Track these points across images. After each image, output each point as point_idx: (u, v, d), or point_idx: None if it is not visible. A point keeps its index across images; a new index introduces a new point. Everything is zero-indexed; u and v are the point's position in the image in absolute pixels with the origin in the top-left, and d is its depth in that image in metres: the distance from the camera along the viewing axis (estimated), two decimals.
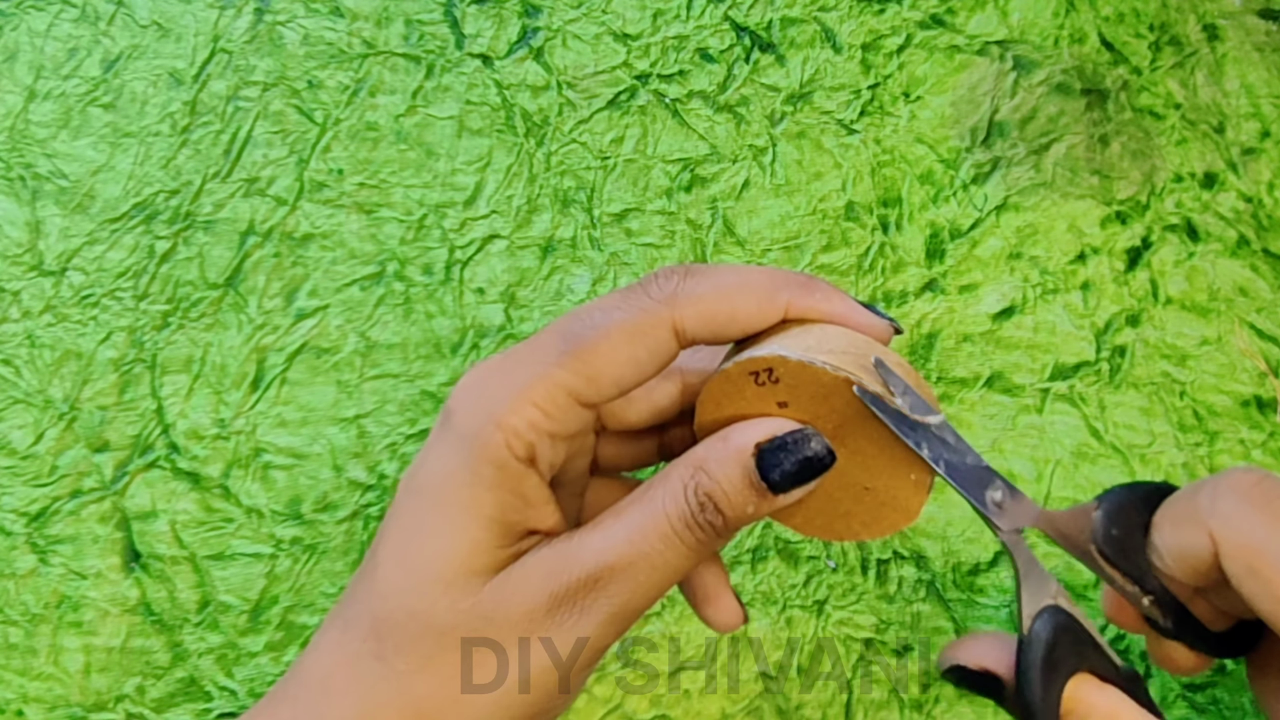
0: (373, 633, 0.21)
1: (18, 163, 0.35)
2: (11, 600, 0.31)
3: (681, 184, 0.36)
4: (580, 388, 0.21)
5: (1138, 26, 0.38)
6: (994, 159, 0.37)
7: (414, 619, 0.21)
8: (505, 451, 0.21)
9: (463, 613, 0.21)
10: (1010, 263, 0.35)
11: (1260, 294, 0.35)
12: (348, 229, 0.35)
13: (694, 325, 0.21)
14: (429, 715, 0.21)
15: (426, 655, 0.21)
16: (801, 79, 0.37)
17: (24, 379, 0.33)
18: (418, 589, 0.21)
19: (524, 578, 0.21)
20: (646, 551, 0.20)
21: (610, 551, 0.20)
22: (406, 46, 0.37)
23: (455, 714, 0.21)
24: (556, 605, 0.21)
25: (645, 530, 0.20)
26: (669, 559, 0.21)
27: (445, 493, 0.21)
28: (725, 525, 0.21)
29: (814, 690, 0.31)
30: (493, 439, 0.21)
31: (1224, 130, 0.37)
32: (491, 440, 0.21)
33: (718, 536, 0.21)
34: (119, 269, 0.34)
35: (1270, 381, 0.34)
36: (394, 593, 0.21)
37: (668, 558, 0.20)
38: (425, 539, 0.21)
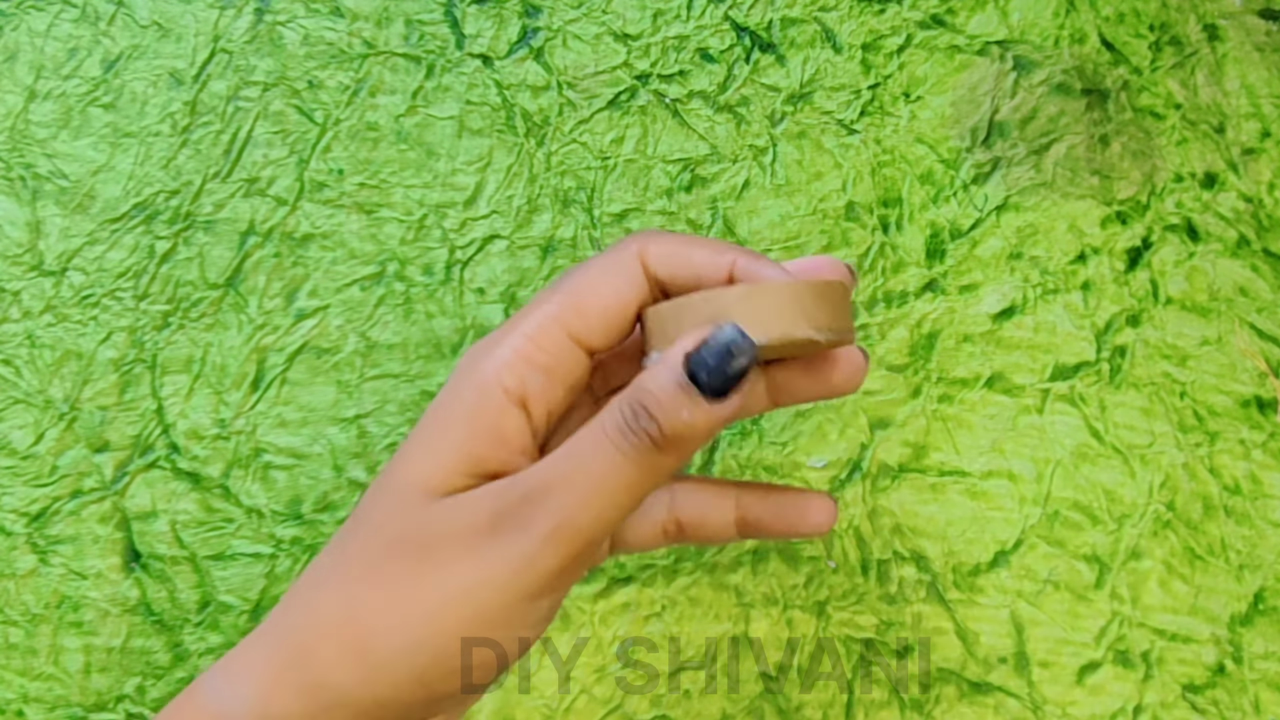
0: (338, 545, 0.23)
1: (18, 163, 0.35)
2: (12, 600, 0.31)
3: (682, 184, 0.36)
4: (569, 318, 0.23)
5: (1138, 27, 0.38)
6: (994, 159, 0.37)
7: (368, 529, 0.22)
8: (492, 379, 0.22)
9: (410, 524, 0.22)
10: (1011, 263, 0.35)
11: (1260, 294, 0.35)
12: (348, 229, 0.35)
13: (657, 261, 0.23)
14: (369, 624, 0.21)
15: (372, 564, 0.22)
16: (802, 79, 0.37)
17: (24, 379, 0.33)
18: (379, 503, 0.23)
19: (472, 499, 0.22)
20: (584, 462, 0.21)
21: (551, 468, 0.21)
22: (407, 46, 0.37)
23: (395, 623, 0.21)
24: (499, 521, 0.21)
25: (583, 442, 0.21)
26: (607, 470, 0.21)
27: (431, 418, 0.23)
28: (661, 433, 0.21)
29: (814, 691, 0.31)
30: (480, 365, 0.23)
31: (1224, 130, 0.37)
32: (479, 366, 0.23)
33: (657, 448, 0.21)
34: (119, 269, 0.34)
35: (1270, 381, 0.34)
36: (362, 509, 0.23)
37: (606, 468, 0.21)
38: (401, 461, 0.23)
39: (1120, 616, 0.32)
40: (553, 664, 0.31)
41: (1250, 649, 0.31)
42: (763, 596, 0.32)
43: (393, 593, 0.21)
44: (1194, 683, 0.31)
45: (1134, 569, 0.32)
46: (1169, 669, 0.31)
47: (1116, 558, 0.32)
